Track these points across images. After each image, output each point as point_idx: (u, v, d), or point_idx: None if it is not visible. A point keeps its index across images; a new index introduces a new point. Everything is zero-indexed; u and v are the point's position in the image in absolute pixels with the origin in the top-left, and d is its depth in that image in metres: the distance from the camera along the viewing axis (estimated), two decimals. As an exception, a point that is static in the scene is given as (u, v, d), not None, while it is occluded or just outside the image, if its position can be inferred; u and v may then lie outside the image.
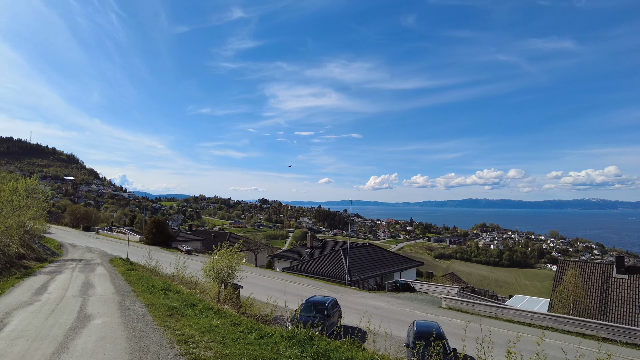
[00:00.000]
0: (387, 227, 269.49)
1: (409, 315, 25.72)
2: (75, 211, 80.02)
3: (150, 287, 15.99)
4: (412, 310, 27.68)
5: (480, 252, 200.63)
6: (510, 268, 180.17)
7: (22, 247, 31.38)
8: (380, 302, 30.32)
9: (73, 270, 24.03)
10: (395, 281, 39.17)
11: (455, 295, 33.36)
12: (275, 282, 35.38)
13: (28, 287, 16.51)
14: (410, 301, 31.39)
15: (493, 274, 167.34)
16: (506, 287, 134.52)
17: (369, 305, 28.45)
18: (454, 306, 29.75)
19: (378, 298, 32.25)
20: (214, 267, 23.28)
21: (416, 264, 55.12)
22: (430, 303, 31.17)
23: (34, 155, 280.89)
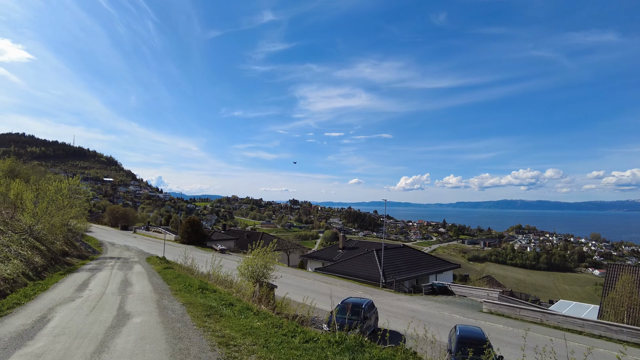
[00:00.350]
0: (419, 229, 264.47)
1: (448, 319, 24.60)
2: (114, 211, 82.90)
3: (187, 285, 15.83)
4: (451, 314, 26.51)
5: (516, 254, 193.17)
6: (547, 272, 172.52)
7: (65, 245, 32.44)
8: (418, 305, 29.28)
9: (112, 268, 24.43)
10: (432, 284, 37.84)
11: (496, 299, 31.77)
12: (309, 282, 34.95)
13: (71, 284, 16.75)
14: (448, 305, 30.17)
15: (530, 277, 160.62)
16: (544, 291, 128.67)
17: (405, 309, 27.50)
18: (496, 310, 28.31)
19: (415, 301, 31.18)
20: (248, 266, 23.05)
21: (452, 266, 53.29)
22: (469, 307, 29.84)
23: (76, 157, 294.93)
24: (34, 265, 20.18)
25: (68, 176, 40.59)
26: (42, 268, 21.23)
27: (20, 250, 20.74)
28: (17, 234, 23.73)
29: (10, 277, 15.97)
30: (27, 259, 20.03)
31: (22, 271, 17.66)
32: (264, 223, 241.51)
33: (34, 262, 20.54)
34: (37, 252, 23.08)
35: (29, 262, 19.89)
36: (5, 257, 18.04)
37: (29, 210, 24.75)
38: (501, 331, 22.46)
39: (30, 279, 17.64)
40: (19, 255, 19.65)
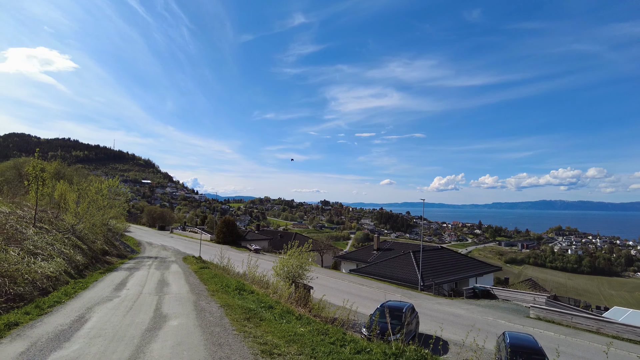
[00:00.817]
0: (454, 230, 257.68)
1: (492, 324, 23.13)
2: (152, 212, 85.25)
3: (224, 286, 15.39)
4: (496, 319, 24.95)
5: (556, 257, 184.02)
6: (591, 276, 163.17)
7: (105, 244, 33.15)
8: (459, 309, 27.84)
9: (149, 268, 24.55)
10: (474, 287, 36.05)
11: (543, 304, 29.74)
12: (344, 283, 34.09)
13: (109, 283, 16.71)
14: (492, 309, 28.52)
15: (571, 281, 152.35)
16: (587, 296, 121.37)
17: (446, 313, 26.18)
18: (544, 317, 26.45)
19: (456, 305, 29.70)
20: (284, 266, 22.53)
21: (493, 269, 50.91)
22: (515, 312, 28.09)
23: (116, 160, 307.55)
24: (76, 263, 20.44)
25: (108, 178, 41.72)
26: (83, 266, 21.52)
27: (63, 248, 21.09)
28: (60, 232, 24.26)
29: (54, 275, 16.08)
30: (69, 257, 20.31)
31: (64, 269, 17.83)
32: (296, 224, 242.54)
33: (75, 260, 20.83)
34: (79, 250, 23.48)
35: (71, 260, 20.15)
36: (49, 255, 18.28)
37: (71, 210, 25.30)
38: (553, 339, 20.83)
39: (72, 277, 17.79)
40: (62, 254, 19.94)
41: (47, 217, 26.36)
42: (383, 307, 18.57)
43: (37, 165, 22.86)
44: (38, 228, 22.35)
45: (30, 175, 22.57)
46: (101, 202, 36.86)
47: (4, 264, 13.87)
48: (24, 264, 15.16)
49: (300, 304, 17.77)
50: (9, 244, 16.48)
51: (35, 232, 20.99)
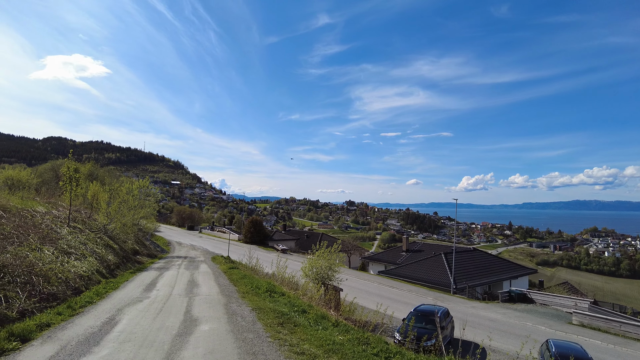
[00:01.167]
0: (483, 231, 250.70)
1: (531, 330, 21.84)
2: (181, 212, 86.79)
3: (254, 287, 14.98)
4: (535, 325, 23.60)
5: (591, 259, 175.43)
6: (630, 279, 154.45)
7: (136, 244, 33.60)
8: (495, 313, 26.56)
9: (179, 267, 24.55)
10: (510, 290, 34.47)
11: (586, 310, 27.99)
12: (373, 285, 33.26)
13: (139, 283, 16.63)
14: (530, 314, 27.06)
15: (608, 284, 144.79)
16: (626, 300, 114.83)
17: (481, 317, 25.00)
18: (589, 323, 24.83)
19: (491, 309, 28.39)
20: (313, 267, 22.00)
21: (528, 271, 48.89)
22: (555, 317, 26.56)
23: (146, 162, 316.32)
24: (107, 263, 20.59)
25: (139, 179, 42.45)
26: (115, 266, 21.68)
27: (95, 248, 21.31)
28: (93, 232, 24.62)
29: (86, 274, 16.12)
30: (101, 256, 20.49)
31: (96, 269, 17.91)
32: (321, 224, 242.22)
33: (107, 260, 21.00)
34: (110, 250, 23.74)
35: (103, 260, 20.31)
36: (82, 254, 18.43)
37: (102, 210, 25.66)
38: (600, 349, 19.44)
39: (104, 277, 17.85)
40: (94, 253, 20.11)
41: (81, 217, 26.87)
42: (417, 311, 17.94)
43: (71, 167, 23.34)
44: (72, 228, 22.71)
45: (65, 176, 23.00)
46: (132, 202, 37.53)
47: (39, 263, 13.95)
48: (58, 263, 15.25)
49: (331, 306, 17.24)
50: (44, 243, 16.66)
51: (69, 231, 21.30)
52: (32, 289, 12.27)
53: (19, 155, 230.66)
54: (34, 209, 22.57)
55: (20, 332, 8.06)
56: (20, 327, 8.24)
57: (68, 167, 23.11)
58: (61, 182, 23.82)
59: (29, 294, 11.80)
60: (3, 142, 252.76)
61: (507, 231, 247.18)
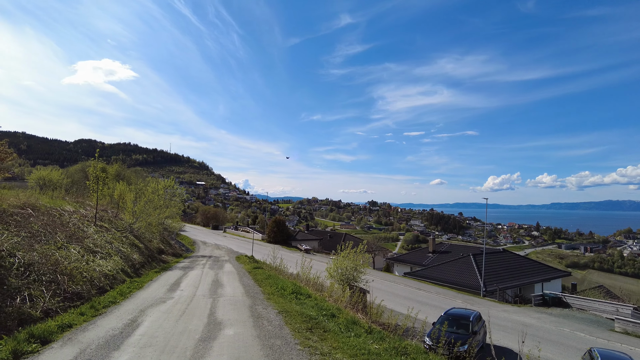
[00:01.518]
0: (510, 232, 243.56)
1: (570, 337, 20.53)
2: (206, 211, 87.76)
3: (279, 288, 14.46)
4: (573, 331, 22.18)
5: (625, 262, 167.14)
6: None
7: (162, 243, 33.81)
8: (529, 318, 25.22)
9: (203, 267, 24.38)
10: (543, 294, 32.82)
11: (629, 316, 26.24)
12: (399, 287, 32.32)
13: (163, 282, 16.40)
14: (567, 319, 25.55)
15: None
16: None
17: (515, 322, 23.75)
18: (634, 331, 23.18)
19: (524, 313, 27.02)
20: (338, 268, 21.39)
21: (561, 273, 46.76)
22: (594, 324, 24.97)
23: (172, 163, 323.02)
24: (132, 262, 20.56)
25: (164, 179, 42.80)
26: (140, 265, 21.67)
27: (121, 247, 21.33)
28: (119, 231, 24.76)
29: (111, 273, 16.02)
30: (126, 255, 20.47)
31: (121, 267, 17.83)
32: (343, 224, 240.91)
33: (132, 259, 20.98)
34: (136, 249, 23.79)
35: (128, 259, 20.28)
36: (108, 253, 18.41)
37: (128, 209, 25.77)
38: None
39: (129, 276, 17.75)
40: (120, 252, 20.10)
41: (107, 216, 27.11)
42: (448, 315, 17.10)
43: (97, 166, 23.50)
44: (98, 227, 22.86)
45: (91, 175, 23.15)
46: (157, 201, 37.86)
47: (64, 261, 13.86)
48: (83, 262, 15.17)
49: (358, 308, 16.63)
50: (70, 242, 16.67)
51: (95, 230, 21.41)
52: (57, 287, 12.13)
53: (52, 157, 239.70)
54: (62, 208, 22.84)
55: (41, 333, 7.77)
56: (41, 328, 7.96)
57: (94, 167, 23.27)
58: (88, 181, 24.03)
59: (53, 293, 11.64)
60: (38, 144, 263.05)
61: (534, 232, 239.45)
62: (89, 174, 23.75)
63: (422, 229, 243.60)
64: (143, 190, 34.68)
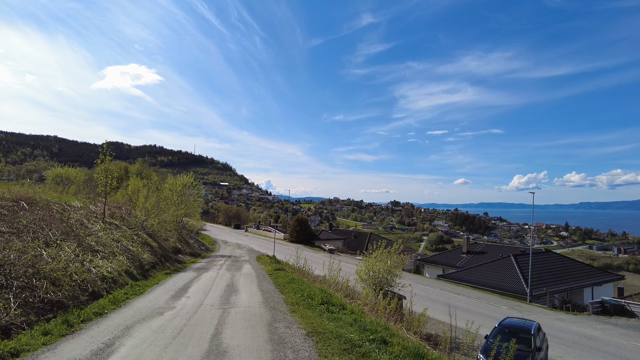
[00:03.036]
0: (537, 232, 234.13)
1: (649, 355, 16.99)
2: (228, 210, 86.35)
3: (305, 296, 11.77)
4: (651, 347, 18.57)
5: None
6: None
7: (179, 242, 31.78)
8: (591, 329, 21.64)
9: (220, 268, 22.05)
10: (603, 300, 28.96)
11: None
12: (434, 291, 29.15)
13: (170, 287, 14.03)
14: (638, 332, 21.84)
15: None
16: None
17: (575, 334, 20.30)
18: None
19: (583, 323, 23.38)
20: (369, 270, 18.65)
21: (613, 277, 42.24)
22: (672, 338, 21.17)
23: (196, 165, 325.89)
24: (141, 262, 18.34)
25: (185, 175, 41.01)
26: (150, 265, 19.46)
27: (130, 245, 19.18)
28: (131, 229, 22.74)
29: (111, 276, 13.73)
30: (134, 255, 18.27)
31: (125, 269, 15.58)
32: (365, 224, 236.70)
33: (141, 259, 18.77)
34: (148, 248, 21.67)
35: (136, 259, 18.07)
36: (112, 252, 16.20)
37: (139, 205, 23.69)
38: None
39: (133, 278, 15.48)
40: (127, 251, 17.93)
41: (120, 213, 25.17)
42: (503, 327, 14.09)
43: (105, 158, 21.38)
44: (107, 224, 20.85)
45: (99, 167, 21.06)
46: (173, 198, 35.99)
47: (52, 262, 11.63)
48: (78, 262, 12.94)
49: (393, 317, 13.93)
50: (67, 239, 14.52)
51: (102, 227, 19.32)
52: (32, 294, 9.83)
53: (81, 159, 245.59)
54: (67, 203, 20.92)
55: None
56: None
57: (102, 159, 21.16)
58: (95, 174, 22.06)
59: (24, 302, 9.30)
60: (69, 147, 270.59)
61: (563, 232, 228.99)
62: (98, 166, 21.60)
63: (446, 229, 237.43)
64: (159, 186, 32.81)
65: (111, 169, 21.06)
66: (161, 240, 26.44)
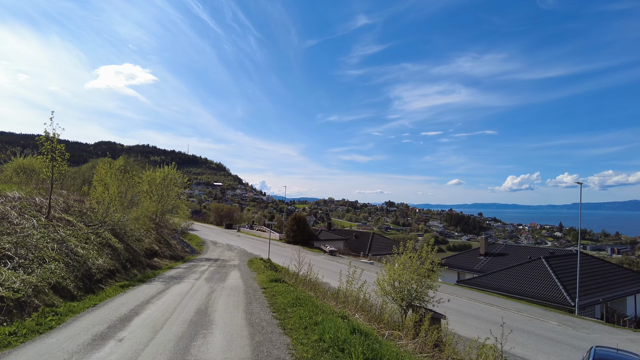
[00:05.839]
0: (531, 233, 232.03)
1: None
2: (219, 209, 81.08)
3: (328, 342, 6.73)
4: None
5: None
6: None
7: (158, 243, 26.75)
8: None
9: (199, 278, 17.02)
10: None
11: None
12: (462, 301, 24.23)
13: (109, 314, 8.99)
14: None
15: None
16: None
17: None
18: None
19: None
20: (394, 280, 13.89)
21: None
22: None
23: (190, 165, 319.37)
24: (89, 270, 13.26)
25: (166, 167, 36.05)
26: (106, 274, 14.37)
27: (79, 248, 14.09)
28: (89, 226, 17.66)
29: (16, 295, 8.68)
30: (81, 261, 13.21)
31: (57, 281, 10.54)
32: (360, 225, 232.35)
33: (91, 265, 13.69)
34: (109, 250, 16.58)
35: (82, 266, 13.01)
36: (39, 258, 11.16)
37: (97, 194, 18.54)
38: None
39: (67, 295, 10.48)
40: (72, 256, 12.89)
41: (80, 207, 20.07)
42: None
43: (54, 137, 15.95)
44: (55, 220, 15.79)
45: (43, 148, 15.78)
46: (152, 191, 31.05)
47: None
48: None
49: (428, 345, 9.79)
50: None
51: (42, 224, 14.23)
52: None
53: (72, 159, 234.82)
54: (1, 193, 15.86)
55: None
56: None
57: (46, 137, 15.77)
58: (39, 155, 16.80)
59: None
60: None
61: (557, 233, 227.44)
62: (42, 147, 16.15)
63: (441, 230, 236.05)
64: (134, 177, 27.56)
65: (60, 148, 15.80)
66: (132, 241, 21.36)
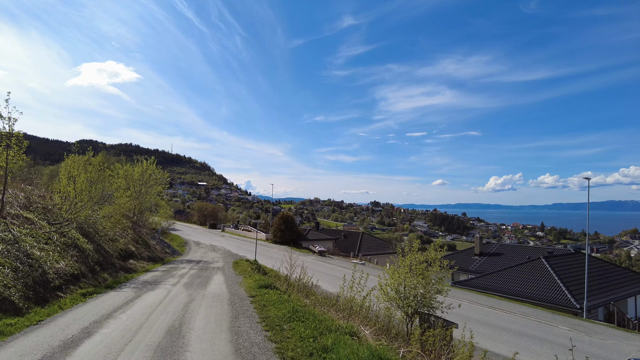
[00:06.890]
0: (514, 233, 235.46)
1: None
2: (203, 208, 78.37)
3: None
4: None
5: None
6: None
7: (135, 244, 24.44)
8: None
9: (177, 282, 14.94)
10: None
11: None
12: (464, 305, 22.47)
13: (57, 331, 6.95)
14: None
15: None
16: None
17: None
18: None
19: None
20: (399, 285, 12.08)
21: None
22: None
23: (174, 164, 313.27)
24: (45, 276, 11.12)
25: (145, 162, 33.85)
26: (67, 279, 12.23)
27: (34, 250, 11.92)
28: (53, 224, 15.42)
29: None
30: (35, 265, 11.07)
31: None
32: (346, 225, 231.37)
33: (48, 270, 11.52)
34: (74, 252, 14.38)
35: (35, 270, 10.86)
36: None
37: (60, 187, 16.31)
38: None
39: (7, 309, 8.40)
40: (21, 259, 10.76)
41: (44, 203, 17.75)
42: None
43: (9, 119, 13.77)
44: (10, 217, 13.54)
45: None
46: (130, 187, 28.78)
47: None
48: None
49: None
50: None
51: (-10, 222, 12.02)
52: None
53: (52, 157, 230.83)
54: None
55: None
56: None
57: (0, 118, 13.57)
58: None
59: None
60: (40, 145, 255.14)
61: (539, 232, 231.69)
62: None
63: (425, 230, 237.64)
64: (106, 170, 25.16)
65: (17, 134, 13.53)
66: (104, 241, 19.15)
